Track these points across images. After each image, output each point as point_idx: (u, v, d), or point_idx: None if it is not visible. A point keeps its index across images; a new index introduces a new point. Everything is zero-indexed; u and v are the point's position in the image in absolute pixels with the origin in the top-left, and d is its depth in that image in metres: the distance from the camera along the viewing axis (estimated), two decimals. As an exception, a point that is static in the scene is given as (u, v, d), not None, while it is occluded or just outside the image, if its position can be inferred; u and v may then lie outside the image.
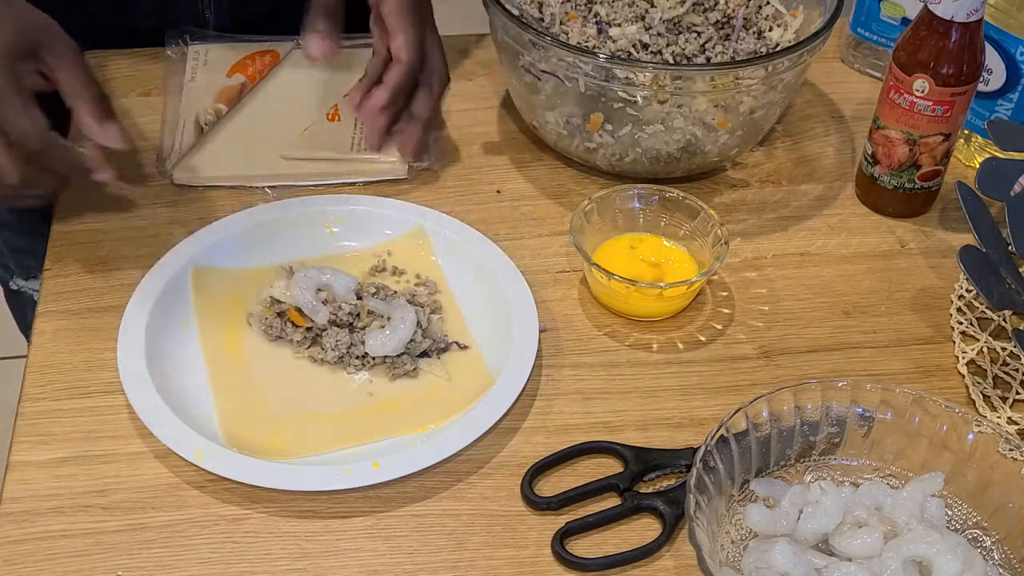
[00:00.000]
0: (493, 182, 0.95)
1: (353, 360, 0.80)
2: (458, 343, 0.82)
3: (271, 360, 0.80)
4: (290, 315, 0.81)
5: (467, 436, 0.74)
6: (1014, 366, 0.82)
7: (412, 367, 0.80)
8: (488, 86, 1.05)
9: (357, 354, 0.80)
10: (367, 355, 0.80)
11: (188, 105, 0.98)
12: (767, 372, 0.82)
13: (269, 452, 0.74)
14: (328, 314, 0.80)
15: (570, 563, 0.69)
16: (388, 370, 0.80)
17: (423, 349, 0.80)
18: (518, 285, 0.84)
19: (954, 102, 0.86)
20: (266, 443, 0.75)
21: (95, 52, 1.04)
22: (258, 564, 0.69)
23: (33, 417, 0.76)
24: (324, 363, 0.80)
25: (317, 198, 0.90)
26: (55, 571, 0.68)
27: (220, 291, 0.83)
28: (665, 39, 0.94)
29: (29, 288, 1.12)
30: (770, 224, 0.93)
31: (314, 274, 0.81)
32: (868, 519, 0.68)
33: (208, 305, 0.82)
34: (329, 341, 0.80)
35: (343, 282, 0.81)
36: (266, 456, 0.73)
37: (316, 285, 0.81)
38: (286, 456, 0.74)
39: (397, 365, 0.80)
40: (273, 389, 0.79)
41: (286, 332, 0.81)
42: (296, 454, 0.75)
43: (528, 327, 0.80)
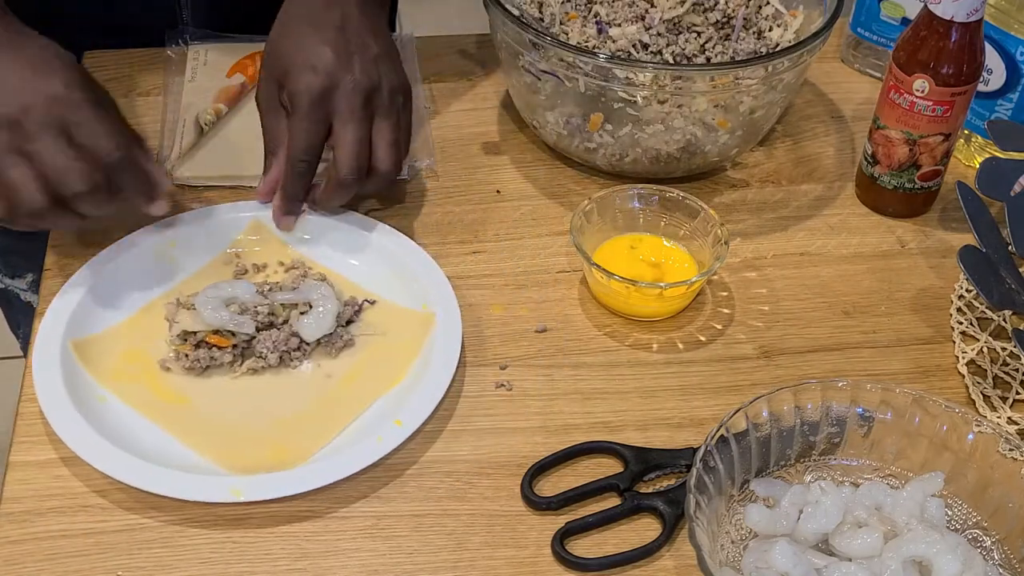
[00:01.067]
0: (493, 182, 0.96)
1: (293, 353, 0.80)
2: (367, 300, 0.84)
3: (214, 391, 0.78)
4: (211, 340, 0.79)
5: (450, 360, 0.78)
6: (1014, 366, 0.82)
7: (348, 337, 0.81)
8: (488, 86, 1.05)
9: (294, 346, 0.80)
10: (303, 344, 0.80)
11: (188, 105, 0.98)
12: (767, 372, 0.82)
13: (276, 466, 0.73)
14: (252, 322, 0.80)
15: (570, 563, 0.69)
16: (327, 351, 0.81)
17: (347, 318, 0.82)
18: (383, 231, 0.87)
19: (954, 102, 0.86)
20: (269, 459, 0.74)
21: (95, 53, 1.04)
22: (258, 564, 0.69)
23: (33, 417, 0.76)
24: (266, 369, 0.80)
25: (136, 235, 0.86)
26: (55, 571, 0.68)
27: (112, 355, 0.79)
28: (665, 39, 0.94)
29: (15, 287, 1.13)
30: (770, 224, 0.93)
31: (214, 292, 0.81)
32: (868, 519, 0.68)
33: (111, 374, 0.78)
34: (266, 345, 0.80)
35: (243, 288, 0.82)
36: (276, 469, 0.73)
37: (223, 301, 0.80)
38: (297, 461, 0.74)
39: (334, 341, 0.81)
40: (236, 415, 0.77)
41: (215, 358, 0.79)
42: (305, 456, 0.74)
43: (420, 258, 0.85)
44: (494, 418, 0.78)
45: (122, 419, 0.76)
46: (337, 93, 0.82)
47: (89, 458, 0.71)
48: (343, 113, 0.82)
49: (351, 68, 0.83)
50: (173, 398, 0.78)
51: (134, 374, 0.79)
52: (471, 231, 0.91)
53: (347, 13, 0.85)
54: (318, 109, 0.82)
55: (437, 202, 0.93)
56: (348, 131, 0.82)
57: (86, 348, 0.79)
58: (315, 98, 0.82)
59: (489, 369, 0.81)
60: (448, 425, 0.77)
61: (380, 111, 0.84)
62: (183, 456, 0.74)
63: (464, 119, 1.01)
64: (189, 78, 1.01)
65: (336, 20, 0.85)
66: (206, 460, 0.74)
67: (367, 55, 0.84)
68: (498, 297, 0.86)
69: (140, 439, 0.74)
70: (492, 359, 0.81)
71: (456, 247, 0.90)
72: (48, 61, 0.75)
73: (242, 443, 0.75)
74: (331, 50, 0.82)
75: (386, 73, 0.85)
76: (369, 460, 0.73)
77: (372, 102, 0.83)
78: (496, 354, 0.82)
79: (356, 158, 0.83)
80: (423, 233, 0.90)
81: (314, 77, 0.82)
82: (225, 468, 0.73)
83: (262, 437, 0.76)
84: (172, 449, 0.75)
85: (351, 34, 0.84)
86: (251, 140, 0.96)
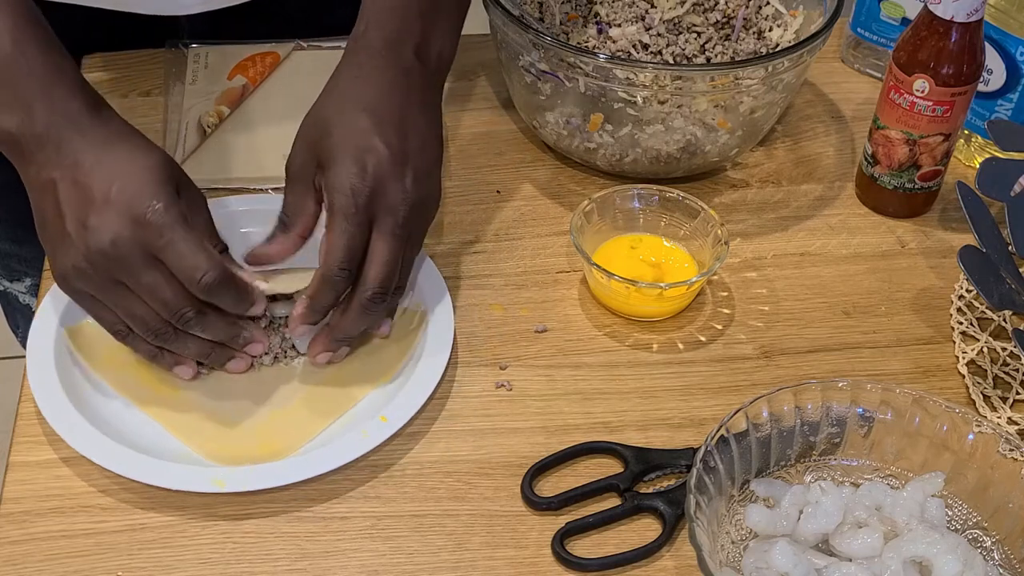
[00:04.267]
0: (493, 182, 0.95)
1: (288, 352, 0.80)
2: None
3: (204, 381, 0.78)
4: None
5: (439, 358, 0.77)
6: (1014, 366, 0.82)
7: None
8: (488, 86, 1.05)
9: (287, 347, 0.80)
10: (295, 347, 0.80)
11: (190, 108, 0.98)
12: (767, 372, 0.82)
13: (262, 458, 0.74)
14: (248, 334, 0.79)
15: (570, 563, 0.69)
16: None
17: None
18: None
19: (954, 102, 0.86)
20: (256, 451, 0.74)
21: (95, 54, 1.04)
22: (258, 564, 0.69)
23: (33, 417, 0.76)
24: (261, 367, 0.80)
25: None
26: (55, 571, 0.68)
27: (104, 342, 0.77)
28: (665, 39, 0.94)
29: (14, 290, 1.13)
30: (770, 224, 0.93)
31: None
32: (868, 519, 0.68)
33: (103, 360, 0.78)
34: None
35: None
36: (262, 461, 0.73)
37: None
38: (283, 455, 0.74)
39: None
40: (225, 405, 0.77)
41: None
42: (291, 449, 0.75)
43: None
44: (494, 418, 0.78)
45: (111, 406, 0.76)
46: (383, 202, 0.73)
47: (69, 438, 0.72)
48: (385, 226, 0.73)
49: (403, 177, 0.74)
50: (163, 387, 0.78)
51: (126, 362, 0.79)
52: (471, 231, 0.91)
53: (409, 102, 0.77)
54: (362, 215, 0.73)
55: (437, 202, 0.93)
56: (384, 248, 0.73)
57: (79, 334, 0.79)
58: (361, 204, 0.73)
59: (489, 369, 0.81)
60: (448, 425, 0.77)
61: (416, 231, 0.76)
62: (169, 445, 0.74)
63: (464, 119, 1.01)
64: (190, 81, 1.01)
65: (396, 111, 0.76)
66: (192, 450, 0.74)
67: (423, 163, 0.76)
68: (498, 297, 0.86)
69: (127, 426, 0.75)
70: (492, 359, 0.81)
71: (456, 247, 0.90)
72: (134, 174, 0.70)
73: (229, 434, 0.76)
74: (386, 150, 0.74)
75: (433, 188, 0.77)
76: (352, 456, 0.73)
77: (414, 220, 0.75)
78: (496, 354, 0.82)
79: (388, 278, 0.74)
80: (423, 233, 0.90)
81: (362, 180, 0.73)
82: (210, 458, 0.74)
83: (249, 429, 0.76)
84: (159, 438, 0.75)
85: (410, 132, 0.76)
86: (254, 142, 0.96)
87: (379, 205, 0.73)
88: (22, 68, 0.71)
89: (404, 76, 0.77)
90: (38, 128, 0.71)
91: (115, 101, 0.99)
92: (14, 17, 0.72)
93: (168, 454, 0.73)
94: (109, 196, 0.69)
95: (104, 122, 0.73)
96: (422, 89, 0.78)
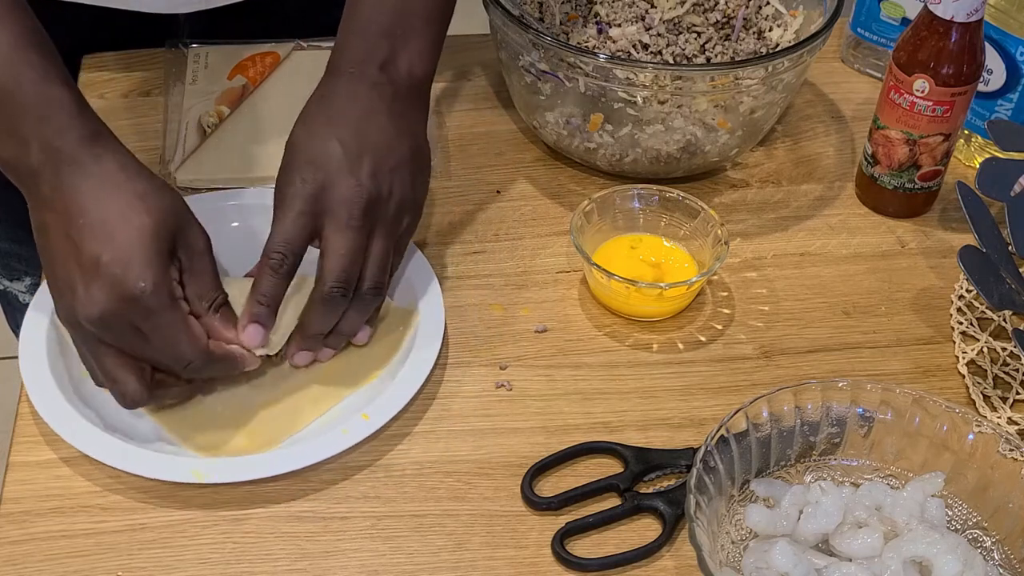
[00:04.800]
0: (493, 182, 0.95)
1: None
2: None
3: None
4: None
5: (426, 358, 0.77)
6: (1014, 366, 0.82)
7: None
8: (488, 86, 1.05)
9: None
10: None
11: (190, 107, 0.98)
12: (767, 372, 0.82)
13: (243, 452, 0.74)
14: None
15: (570, 563, 0.69)
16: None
17: None
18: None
19: (954, 102, 0.86)
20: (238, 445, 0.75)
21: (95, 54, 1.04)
22: (258, 564, 0.69)
23: (33, 417, 0.76)
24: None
25: None
26: (55, 571, 0.68)
27: None
28: (665, 39, 0.94)
29: (14, 289, 1.13)
30: (770, 224, 0.93)
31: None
32: (868, 519, 0.68)
33: None
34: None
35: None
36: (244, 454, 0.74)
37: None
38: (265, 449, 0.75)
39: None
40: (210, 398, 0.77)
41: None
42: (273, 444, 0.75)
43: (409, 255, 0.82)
44: (494, 418, 0.78)
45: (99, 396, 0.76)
46: (334, 195, 0.73)
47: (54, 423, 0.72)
48: (338, 219, 0.73)
49: (358, 172, 0.73)
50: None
51: None
52: (471, 231, 0.91)
53: (372, 108, 0.77)
54: (310, 202, 0.73)
55: (437, 202, 0.93)
56: (339, 239, 0.72)
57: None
58: (310, 192, 0.73)
59: (489, 369, 0.81)
60: (448, 425, 0.77)
61: (380, 225, 0.74)
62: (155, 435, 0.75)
63: (464, 119, 1.01)
64: (190, 81, 1.01)
65: (356, 114, 0.76)
66: (177, 440, 0.75)
67: (383, 161, 0.75)
68: (498, 297, 0.86)
69: (113, 415, 0.75)
70: (492, 359, 0.81)
71: (456, 247, 0.90)
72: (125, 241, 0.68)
73: (214, 426, 0.76)
74: (340, 147, 0.74)
75: (399, 186, 0.75)
76: (330, 452, 0.73)
77: (374, 213, 0.74)
78: (496, 354, 0.82)
79: (344, 271, 0.72)
80: (423, 233, 0.90)
81: (312, 173, 0.73)
82: (194, 449, 0.74)
83: (234, 422, 0.76)
84: (144, 428, 0.75)
85: (371, 133, 0.76)
86: (254, 141, 0.96)
87: (331, 199, 0.73)
88: (16, 98, 0.69)
89: (369, 91, 0.77)
90: (32, 163, 0.69)
91: (115, 101, 1.00)
92: (12, 38, 0.70)
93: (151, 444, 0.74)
94: (99, 266, 0.67)
95: (98, 159, 0.70)
96: (390, 101, 0.78)
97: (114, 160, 0.71)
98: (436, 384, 0.79)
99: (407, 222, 0.78)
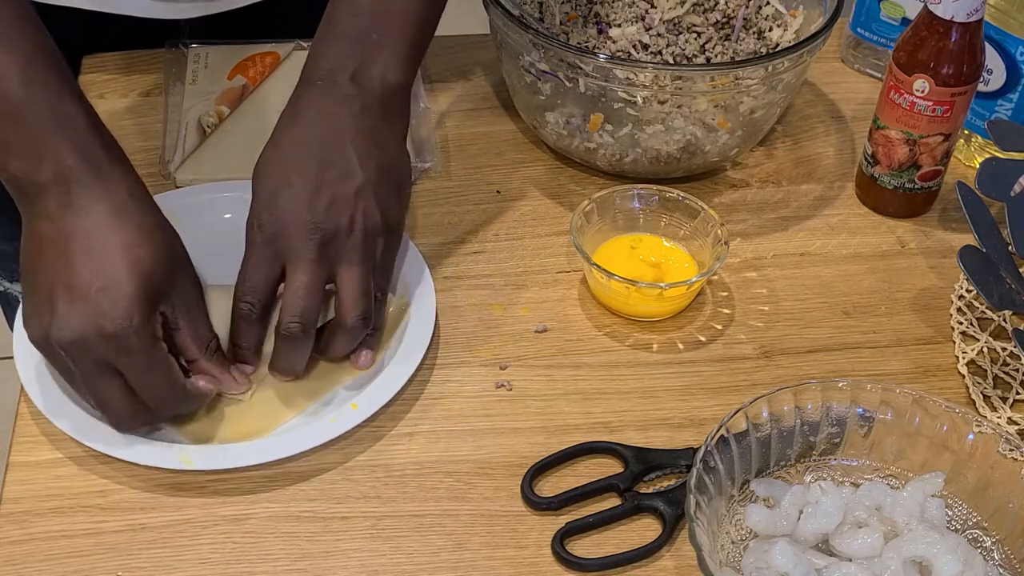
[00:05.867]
0: (493, 182, 0.95)
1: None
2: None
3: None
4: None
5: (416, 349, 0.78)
6: (1014, 366, 0.82)
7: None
8: (488, 86, 1.05)
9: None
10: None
11: (190, 107, 0.98)
12: (767, 372, 0.82)
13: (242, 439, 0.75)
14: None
15: (570, 563, 0.69)
16: None
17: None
18: None
19: (954, 102, 0.86)
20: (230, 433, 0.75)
21: (95, 54, 1.04)
22: (258, 564, 0.69)
23: (33, 417, 0.76)
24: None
25: None
26: (55, 571, 0.68)
27: None
28: (665, 39, 0.94)
29: (14, 290, 1.13)
30: (770, 224, 0.93)
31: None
32: (868, 519, 0.68)
33: None
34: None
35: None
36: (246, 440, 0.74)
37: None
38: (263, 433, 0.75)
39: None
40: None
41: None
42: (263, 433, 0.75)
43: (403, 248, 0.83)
44: (494, 418, 0.78)
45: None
46: (290, 232, 0.73)
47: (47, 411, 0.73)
48: (295, 255, 0.73)
49: (314, 205, 0.73)
50: None
51: None
52: (471, 231, 0.91)
53: (338, 127, 0.76)
54: (267, 248, 0.73)
55: (437, 202, 0.93)
56: (295, 277, 0.73)
57: None
58: (266, 237, 0.73)
59: (489, 369, 0.81)
60: (448, 425, 0.77)
61: (348, 256, 0.74)
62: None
63: (464, 119, 1.01)
64: (190, 80, 1.01)
65: (318, 138, 0.76)
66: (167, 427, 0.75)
67: (344, 188, 0.74)
68: (498, 297, 0.86)
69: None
70: (492, 359, 0.81)
71: (456, 247, 0.90)
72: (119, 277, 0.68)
73: (204, 415, 0.76)
74: (300, 181, 0.74)
75: (365, 210, 0.74)
76: (319, 441, 0.73)
77: (334, 245, 0.73)
78: (496, 354, 0.82)
79: (299, 307, 0.72)
80: (423, 233, 0.90)
81: (269, 215, 0.73)
82: (184, 438, 0.74)
83: (224, 411, 0.76)
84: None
85: (335, 157, 0.75)
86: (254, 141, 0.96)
87: (287, 239, 0.73)
88: (30, 115, 0.69)
89: (337, 106, 0.77)
90: (41, 179, 0.69)
91: (115, 101, 1.00)
92: (25, 55, 0.70)
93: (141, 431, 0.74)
94: (88, 292, 0.67)
95: (109, 182, 0.70)
96: (358, 116, 0.77)
97: (124, 185, 0.71)
98: (436, 384, 0.80)
99: (383, 242, 0.76)
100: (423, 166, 0.95)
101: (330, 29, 0.80)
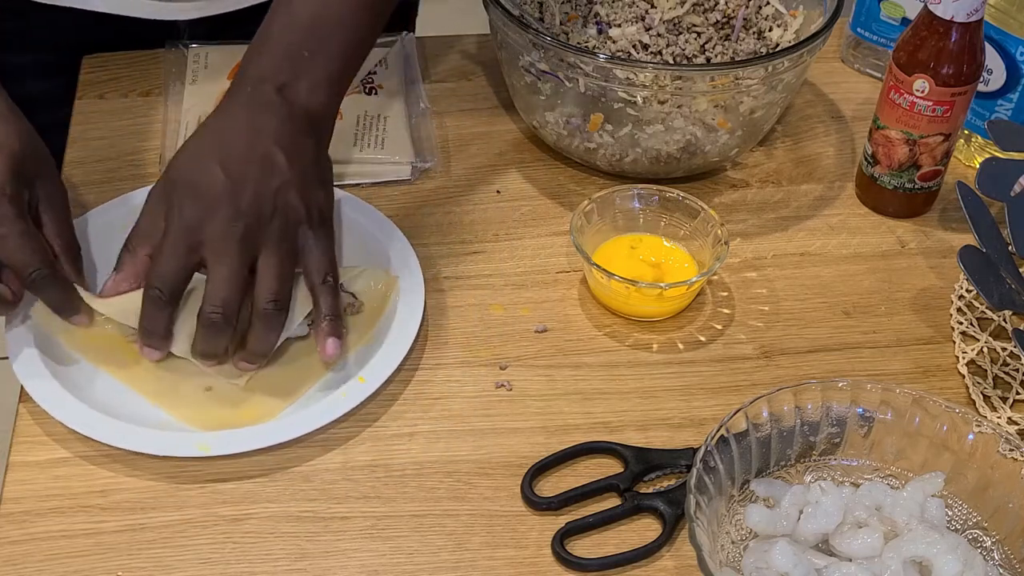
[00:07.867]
0: (493, 182, 0.96)
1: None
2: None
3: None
4: None
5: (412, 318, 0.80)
6: (1014, 366, 0.82)
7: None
8: (488, 86, 1.05)
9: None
10: None
11: (190, 108, 0.98)
12: (767, 372, 0.82)
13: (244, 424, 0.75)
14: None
15: (570, 563, 0.69)
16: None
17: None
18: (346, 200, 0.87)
19: (954, 102, 0.86)
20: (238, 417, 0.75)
21: (95, 54, 1.04)
22: (258, 564, 0.69)
23: (33, 417, 0.76)
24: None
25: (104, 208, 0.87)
26: (55, 571, 0.68)
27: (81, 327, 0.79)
28: (665, 39, 0.94)
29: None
30: (770, 224, 0.93)
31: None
32: (868, 519, 0.68)
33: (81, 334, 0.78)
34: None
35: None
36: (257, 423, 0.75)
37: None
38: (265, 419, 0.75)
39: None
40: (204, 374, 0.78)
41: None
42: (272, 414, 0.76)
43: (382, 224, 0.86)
44: (494, 418, 0.78)
45: (93, 379, 0.77)
46: (211, 225, 0.73)
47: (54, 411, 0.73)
48: (216, 245, 0.73)
49: (236, 200, 0.73)
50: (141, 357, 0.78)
51: (103, 335, 0.79)
52: (471, 231, 0.91)
53: (265, 128, 0.76)
54: (188, 235, 0.73)
55: (437, 202, 0.93)
56: (217, 267, 0.73)
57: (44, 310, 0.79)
58: (186, 229, 0.73)
59: (489, 369, 0.81)
60: (448, 425, 0.77)
61: (266, 243, 0.74)
62: (153, 415, 0.75)
63: (464, 119, 1.01)
64: (190, 80, 1.01)
65: (242, 135, 0.76)
66: (173, 416, 0.75)
67: (266, 184, 0.74)
68: (498, 297, 0.86)
69: (110, 398, 0.76)
70: (492, 359, 0.81)
71: (456, 247, 0.90)
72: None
73: (207, 401, 0.76)
74: (222, 174, 0.74)
75: (288, 202, 0.74)
76: (333, 416, 0.74)
77: (256, 236, 0.73)
78: (496, 354, 0.82)
79: (220, 295, 0.72)
80: (423, 233, 0.90)
81: (191, 206, 0.73)
82: (194, 426, 0.75)
83: (226, 396, 0.77)
84: (141, 408, 0.76)
85: (258, 154, 0.75)
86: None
87: (209, 230, 0.73)
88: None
89: (262, 112, 0.77)
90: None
91: (115, 101, 1.00)
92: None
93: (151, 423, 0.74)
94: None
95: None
96: (286, 120, 0.77)
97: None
98: (436, 384, 0.80)
99: (312, 235, 0.76)
100: (423, 166, 0.95)
101: (265, 38, 0.80)
